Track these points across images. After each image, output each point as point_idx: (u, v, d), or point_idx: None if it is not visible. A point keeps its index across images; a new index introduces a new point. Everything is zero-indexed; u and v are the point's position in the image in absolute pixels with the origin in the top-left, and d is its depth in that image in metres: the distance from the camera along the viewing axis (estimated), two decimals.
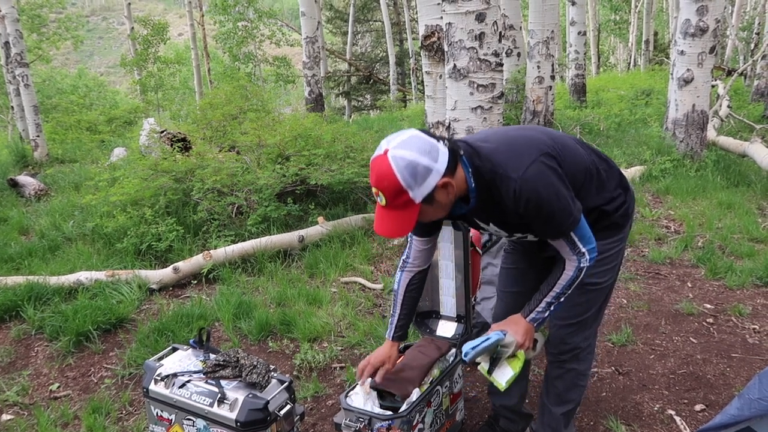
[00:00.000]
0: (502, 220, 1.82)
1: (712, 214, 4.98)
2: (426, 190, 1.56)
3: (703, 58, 6.20)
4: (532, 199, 1.65)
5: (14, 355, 3.30)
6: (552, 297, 1.84)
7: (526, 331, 1.87)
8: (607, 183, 1.92)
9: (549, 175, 1.68)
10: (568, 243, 1.77)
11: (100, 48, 71.71)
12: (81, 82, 28.97)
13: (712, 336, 3.24)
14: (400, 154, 1.54)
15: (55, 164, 8.45)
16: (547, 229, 1.77)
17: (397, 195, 1.56)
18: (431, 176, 1.55)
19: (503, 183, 1.66)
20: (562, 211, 1.70)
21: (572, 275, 1.80)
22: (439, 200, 1.62)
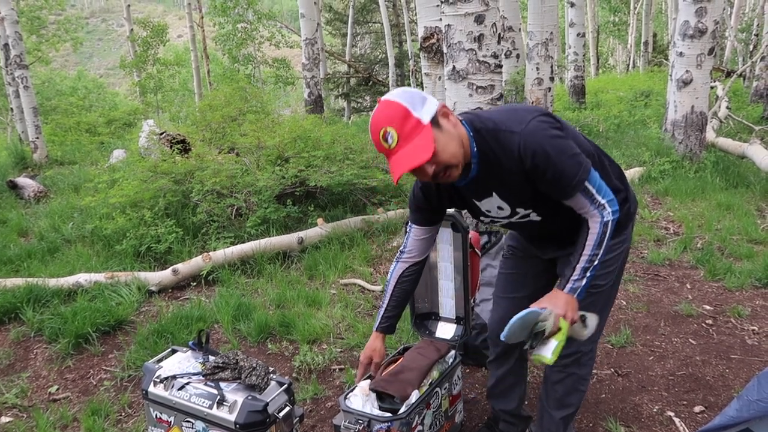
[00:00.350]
0: (504, 190, 1.78)
1: (711, 216, 4.98)
2: (429, 111, 1.58)
3: (701, 60, 6.20)
4: (538, 151, 1.62)
5: (13, 357, 3.30)
6: (585, 261, 1.74)
7: (566, 301, 1.74)
8: (611, 176, 1.89)
9: (551, 128, 1.67)
10: (585, 196, 1.70)
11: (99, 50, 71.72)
12: (80, 83, 28.98)
13: (712, 337, 3.24)
14: (394, 91, 1.62)
15: (54, 166, 8.45)
16: (559, 183, 1.68)
17: (405, 119, 1.55)
18: (428, 101, 1.59)
19: (506, 139, 1.65)
20: (572, 159, 1.66)
21: (598, 232, 1.72)
22: (446, 128, 1.61)
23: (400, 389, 2.14)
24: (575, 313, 1.75)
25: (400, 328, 3.30)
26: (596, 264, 1.74)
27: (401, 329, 3.30)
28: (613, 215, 1.72)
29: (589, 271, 1.75)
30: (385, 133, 1.56)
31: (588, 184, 1.69)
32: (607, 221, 1.72)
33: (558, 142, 1.66)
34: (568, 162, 1.65)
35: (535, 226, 1.92)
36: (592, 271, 1.75)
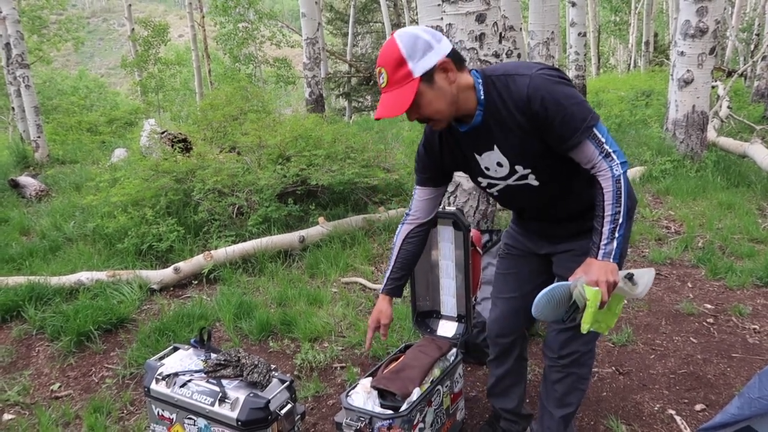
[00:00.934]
0: (506, 142, 1.75)
1: (712, 215, 4.98)
2: (425, 64, 1.59)
3: (703, 59, 6.21)
4: (546, 93, 1.62)
5: (15, 355, 3.30)
6: (609, 222, 1.68)
7: (599, 267, 1.68)
8: None
9: (558, 76, 1.67)
10: (593, 143, 1.66)
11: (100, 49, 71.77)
12: (81, 83, 28.98)
13: (713, 336, 3.24)
14: (405, 30, 1.63)
15: (55, 165, 8.45)
16: (569, 126, 1.65)
17: (397, 66, 1.59)
18: (431, 52, 1.59)
19: (516, 83, 1.65)
20: (581, 105, 1.65)
21: (612, 188, 1.67)
22: (439, 84, 1.63)
23: (401, 387, 2.15)
24: (615, 276, 1.68)
25: (401, 327, 3.32)
26: (621, 222, 1.68)
27: (403, 327, 3.31)
28: (622, 167, 1.67)
29: (617, 231, 1.68)
30: (380, 72, 1.63)
31: (596, 130, 1.66)
32: (618, 175, 1.67)
33: (566, 88, 1.66)
34: (577, 107, 1.64)
35: (532, 197, 1.88)
36: (620, 230, 1.68)
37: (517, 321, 2.20)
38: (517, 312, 2.17)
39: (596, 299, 1.65)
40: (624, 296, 1.78)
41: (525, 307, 2.12)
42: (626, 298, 1.80)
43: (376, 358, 3.12)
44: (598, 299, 1.65)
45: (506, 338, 2.22)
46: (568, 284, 1.72)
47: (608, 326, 1.81)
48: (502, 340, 2.23)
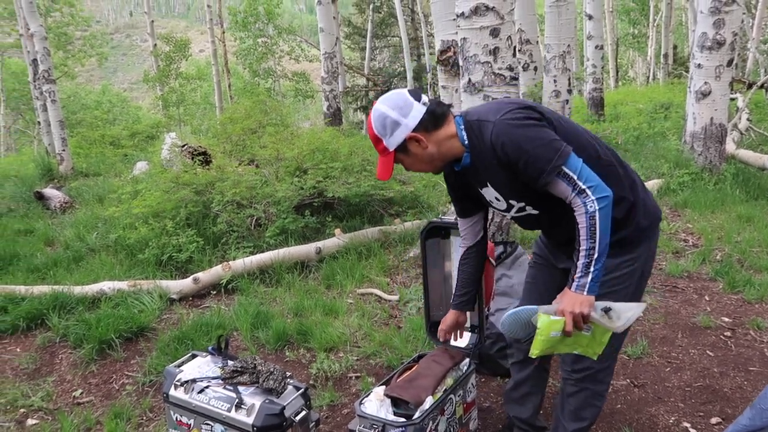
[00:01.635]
0: (494, 181, 1.87)
1: (730, 228, 4.94)
2: (396, 140, 1.80)
3: (720, 72, 6.18)
4: (507, 140, 1.72)
5: (39, 362, 3.39)
6: (584, 257, 1.72)
7: (570, 297, 1.74)
8: (621, 183, 1.87)
9: (525, 118, 1.73)
10: (565, 181, 1.70)
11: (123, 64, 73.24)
12: (104, 97, 29.59)
13: (730, 349, 3.21)
14: (378, 106, 1.82)
15: (79, 177, 8.64)
16: (533, 169, 1.71)
17: (376, 141, 1.84)
18: (399, 129, 1.79)
19: (484, 129, 1.78)
20: (545, 147, 1.69)
21: (586, 224, 1.70)
22: (414, 152, 1.84)
23: (414, 395, 2.17)
24: (584, 308, 1.72)
25: (416, 337, 3.34)
26: (597, 256, 1.71)
27: (417, 338, 3.34)
28: (599, 203, 1.68)
29: (592, 266, 1.71)
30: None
31: (566, 168, 1.70)
32: (593, 211, 1.68)
33: (530, 130, 1.72)
34: (541, 149, 1.69)
35: (540, 221, 1.96)
36: (596, 264, 1.71)
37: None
38: None
39: (549, 328, 1.74)
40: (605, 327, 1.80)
41: None
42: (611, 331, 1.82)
43: (390, 367, 3.15)
44: (552, 329, 1.74)
45: (527, 343, 2.25)
46: (534, 308, 1.81)
47: (595, 352, 1.87)
48: (525, 346, 2.26)
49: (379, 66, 22.67)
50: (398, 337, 3.37)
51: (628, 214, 1.90)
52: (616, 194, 1.82)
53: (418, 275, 4.31)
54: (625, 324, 1.78)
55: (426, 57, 18.39)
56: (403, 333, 3.44)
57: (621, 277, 1.91)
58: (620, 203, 1.87)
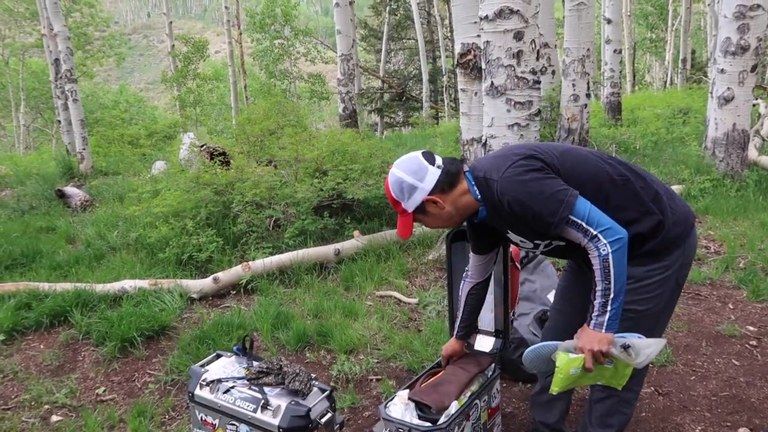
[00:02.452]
0: (514, 227, 1.91)
1: (753, 235, 4.88)
2: (414, 203, 1.86)
3: (744, 77, 6.11)
4: (511, 197, 1.76)
5: (63, 359, 3.42)
6: (600, 297, 1.75)
7: (588, 335, 1.78)
8: (640, 198, 1.85)
9: (526, 171, 1.76)
10: (576, 229, 1.74)
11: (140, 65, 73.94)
12: (122, 97, 29.91)
13: (756, 359, 3.17)
14: (394, 171, 1.88)
15: (99, 176, 8.73)
16: (541, 223, 1.76)
17: (395, 204, 1.90)
18: (417, 193, 1.84)
19: (491, 186, 1.83)
20: (549, 200, 1.72)
21: (599, 267, 1.72)
22: (432, 212, 1.89)
23: (437, 400, 2.16)
24: (604, 345, 1.76)
25: (436, 341, 3.33)
26: (613, 296, 1.73)
27: (437, 341, 3.33)
28: (611, 246, 1.70)
29: (609, 305, 1.75)
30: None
31: (573, 217, 1.72)
32: (605, 255, 1.70)
33: (532, 185, 1.75)
34: (544, 203, 1.72)
35: (568, 251, 1.94)
36: (613, 303, 1.74)
37: (568, 334, 2.21)
38: (569, 325, 2.19)
39: (568, 366, 1.79)
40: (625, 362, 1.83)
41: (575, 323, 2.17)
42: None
43: (411, 370, 3.14)
44: (571, 366, 1.79)
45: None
46: (554, 345, 1.86)
47: (619, 383, 1.90)
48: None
49: (394, 68, 22.71)
50: (418, 340, 3.36)
51: (657, 226, 1.87)
52: (638, 211, 1.85)
53: (437, 278, 4.30)
54: (645, 360, 1.81)
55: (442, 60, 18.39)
56: (423, 336, 3.43)
57: (652, 284, 1.89)
58: (646, 217, 1.85)
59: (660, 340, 1.84)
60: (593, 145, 7.92)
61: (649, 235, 1.85)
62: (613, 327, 1.76)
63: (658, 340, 1.84)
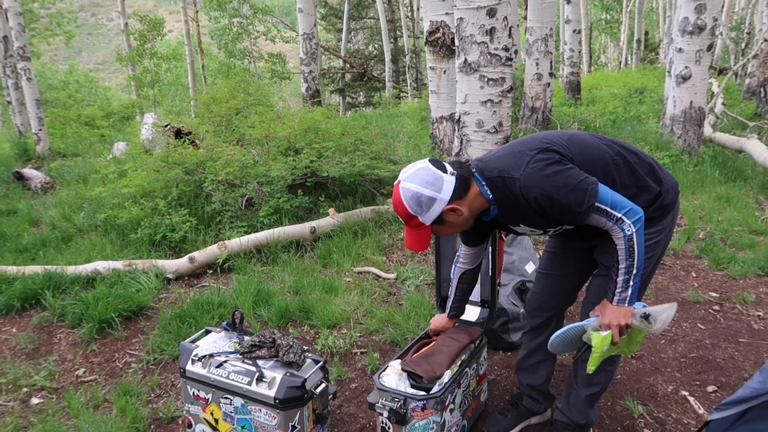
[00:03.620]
0: (528, 221, 1.94)
1: (711, 208, 5.11)
2: (433, 215, 1.81)
3: (700, 56, 6.32)
4: (538, 193, 1.77)
5: (38, 342, 3.34)
6: (623, 274, 1.83)
7: (612, 312, 1.86)
8: (637, 174, 1.95)
9: (547, 165, 1.78)
10: (601, 215, 1.79)
11: (88, 44, 71.10)
12: (72, 78, 28.78)
13: (719, 322, 3.35)
14: (407, 186, 1.80)
15: (57, 158, 8.43)
16: (569, 214, 1.80)
17: (409, 219, 1.84)
18: (436, 204, 1.79)
19: (511, 185, 1.81)
20: (574, 190, 1.75)
21: (624, 247, 1.80)
22: (450, 221, 1.86)
23: (428, 371, 2.21)
24: (628, 318, 1.85)
25: (416, 314, 3.40)
26: (636, 272, 1.82)
27: (418, 314, 3.39)
28: (635, 225, 1.78)
29: (631, 281, 1.83)
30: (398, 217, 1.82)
31: (599, 204, 1.77)
32: (630, 234, 1.78)
33: (556, 178, 1.77)
34: (571, 195, 1.75)
35: (576, 232, 2.01)
36: (635, 279, 1.83)
37: (556, 298, 2.31)
38: (557, 290, 2.29)
39: (602, 344, 1.86)
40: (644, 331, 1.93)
41: (566, 287, 2.27)
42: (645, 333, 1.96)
43: (393, 343, 3.20)
44: (605, 343, 1.86)
45: (543, 313, 2.33)
46: (581, 325, 1.93)
47: (631, 350, 2.01)
48: (539, 313, 2.33)
49: (356, 48, 22.52)
50: (400, 314, 3.42)
51: (655, 197, 1.97)
52: (637, 186, 1.93)
53: (414, 254, 4.35)
54: (661, 326, 1.89)
55: (404, 39, 18.32)
56: (404, 310, 3.49)
57: (653, 245, 1.99)
58: (645, 192, 1.95)
59: (672, 305, 1.91)
60: (556, 123, 8.08)
61: (649, 205, 1.94)
62: (634, 300, 1.86)
63: (671, 304, 1.91)
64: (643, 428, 2.46)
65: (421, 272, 4.00)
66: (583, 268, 2.23)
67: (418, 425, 2.12)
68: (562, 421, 2.33)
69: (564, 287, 2.29)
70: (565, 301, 2.33)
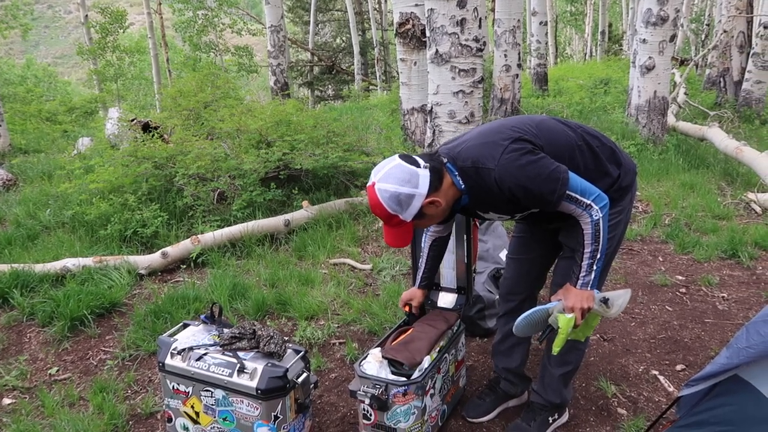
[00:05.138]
0: (497, 209, 2.00)
1: (676, 194, 5.26)
2: (413, 211, 1.82)
3: (663, 47, 6.48)
4: (512, 183, 1.81)
5: (7, 342, 3.26)
6: (587, 258, 1.90)
7: (575, 295, 1.92)
8: (599, 159, 2.01)
9: (521, 156, 1.82)
10: (571, 202, 1.85)
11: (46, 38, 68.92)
12: (29, 72, 27.91)
13: (686, 304, 3.46)
14: (384, 186, 1.79)
15: (18, 154, 8.18)
16: (541, 202, 1.86)
17: (390, 219, 1.84)
18: (415, 200, 1.81)
19: (485, 175, 1.84)
20: (547, 181, 1.81)
21: (591, 231, 1.87)
22: (429, 213, 1.88)
23: (408, 357, 2.24)
24: (590, 302, 1.92)
25: (393, 303, 3.43)
26: (599, 256, 1.89)
27: (394, 304, 3.42)
28: (601, 211, 1.85)
29: (595, 265, 1.90)
30: (377, 217, 1.81)
31: (570, 192, 1.83)
32: (597, 219, 1.85)
33: (530, 169, 1.81)
34: (544, 184, 1.81)
35: (542, 216, 2.06)
36: (598, 263, 1.90)
37: (526, 282, 2.37)
38: (526, 273, 2.34)
39: (568, 326, 1.92)
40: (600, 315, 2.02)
41: (534, 270, 2.33)
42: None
43: (371, 332, 3.22)
44: (570, 325, 1.92)
45: (515, 296, 2.38)
46: (546, 308, 1.99)
47: (585, 335, 2.11)
48: (512, 297, 2.39)
49: (323, 41, 22.37)
50: (377, 304, 3.44)
51: (614, 181, 2.04)
52: (599, 171, 1.99)
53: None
54: (617, 311, 1.98)
55: (372, 32, 18.27)
56: (381, 300, 3.51)
57: (613, 225, 2.04)
58: (606, 177, 2.01)
59: (627, 290, 2.01)
60: (525, 114, 8.19)
61: (609, 188, 2.00)
62: (596, 285, 1.93)
63: (625, 290, 2.01)
64: (616, 407, 2.54)
65: (397, 263, 4.03)
66: (549, 251, 2.30)
67: (400, 410, 2.15)
68: (538, 402, 2.39)
69: (532, 270, 2.36)
70: (535, 284, 2.40)
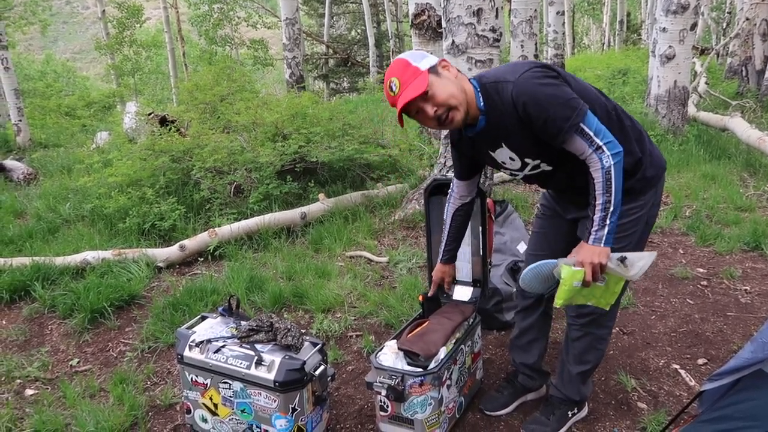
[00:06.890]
0: (511, 140, 1.91)
1: (697, 186, 5.17)
2: (428, 62, 1.82)
3: (684, 35, 6.37)
4: (528, 98, 1.76)
5: (29, 334, 3.31)
6: (600, 210, 1.80)
7: (588, 250, 1.83)
8: (626, 133, 1.93)
9: (543, 77, 1.78)
10: (581, 137, 1.77)
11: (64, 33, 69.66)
12: (49, 67, 28.24)
13: (707, 297, 3.41)
14: (397, 59, 1.86)
15: (39, 149, 8.30)
16: (553, 127, 1.77)
17: (406, 68, 1.82)
18: (428, 58, 1.84)
19: (503, 89, 1.81)
20: (564, 103, 1.75)
21: (602, 179, 1.78)
22: (444, 74, 1.84)
23: (424, 348, 2.24)
24: (603, 258, 1.81)
25: (410, 296, 3.42)
26: (613, 209, 1.79)
27: (411, 297, 3.40)
28: (613, 158, 1.76)
29: (608, 219, 1.79)
30: (391, 83, 1.83)
31: (583, 125, 1.76)
32: (608, 166, 1.76)
33: (549, 89, 1.77)
34: (559, 108, 1.75)
35: (552, 178, 2.01)
36: (612, 217, 1.80)
37: None
38: None
39: (572, 278, 1.81)
40: (622, 277, 1.90)
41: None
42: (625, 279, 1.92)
43: (388, 325, 3.21)
44: (574, 278, 1.81)
45: (532, 298, 2.34)
46: (554, 262, 1.89)
47: (608, 302, 1.97)
48: (530, 293, 2.35)
49: (338, 33, 22.33)
50: (393, 297, 3.43)
51: (636, 164, 1.96)
52: (626, 148, 1.87)
53: (405, 237, 4.37)
54: (638, 272, 1.86)
55: (387, 23, 18.19)
56: (398, 292, 3.50)
57: (629, 223, 1.98)
58: (628, 155, 1.92)
59: (651, 253, 1.89)
60: None
61: (630, 171, 1.92)
62: (610, 242, 1.82)
63: (650, 252, 1.90)
64: (636, 401, 2.51)
65: (413, 255, 4.02)
66: (569, 247, 2.21)
67: (417, 401, 2.15)
68: (557, 397, 2.36)
69: None
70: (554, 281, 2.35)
